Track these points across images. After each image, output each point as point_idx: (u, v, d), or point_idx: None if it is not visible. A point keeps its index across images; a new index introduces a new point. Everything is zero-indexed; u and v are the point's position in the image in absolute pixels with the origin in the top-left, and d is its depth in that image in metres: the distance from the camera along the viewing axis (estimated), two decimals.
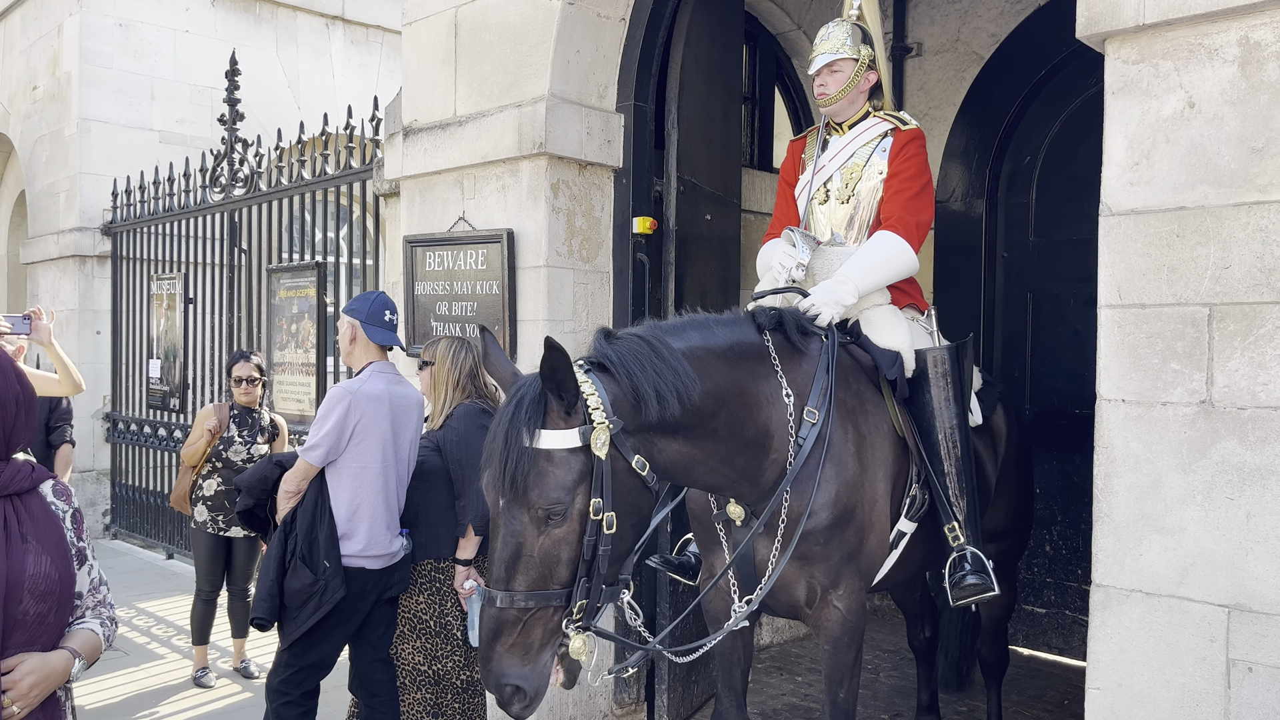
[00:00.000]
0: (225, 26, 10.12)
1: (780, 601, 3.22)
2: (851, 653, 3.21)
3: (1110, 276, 2.69)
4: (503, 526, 2.48)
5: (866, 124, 3.85)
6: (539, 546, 2.47)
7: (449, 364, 4.00)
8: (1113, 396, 2.68)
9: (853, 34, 3.78)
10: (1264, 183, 2.45)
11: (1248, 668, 2.46)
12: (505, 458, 2.44)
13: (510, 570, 2.46)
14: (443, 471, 3.92)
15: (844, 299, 3.46)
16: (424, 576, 3.96)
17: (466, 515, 3.89)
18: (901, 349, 3.49)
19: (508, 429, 2.46)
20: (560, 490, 2.47)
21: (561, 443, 2.49)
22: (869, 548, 3.24)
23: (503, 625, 2.44)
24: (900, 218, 3.66)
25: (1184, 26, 2.56)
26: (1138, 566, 2.63)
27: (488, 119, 4.56)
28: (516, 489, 2.45)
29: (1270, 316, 2.43)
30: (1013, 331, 6.29)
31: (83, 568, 2.44)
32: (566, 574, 2.49)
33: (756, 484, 3.02)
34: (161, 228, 8.47)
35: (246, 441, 5.35)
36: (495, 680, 2.45)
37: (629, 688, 4.71)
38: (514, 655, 2.45)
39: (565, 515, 2.48)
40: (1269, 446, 2.43)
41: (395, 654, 3.94)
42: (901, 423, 3.45)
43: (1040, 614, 6.14)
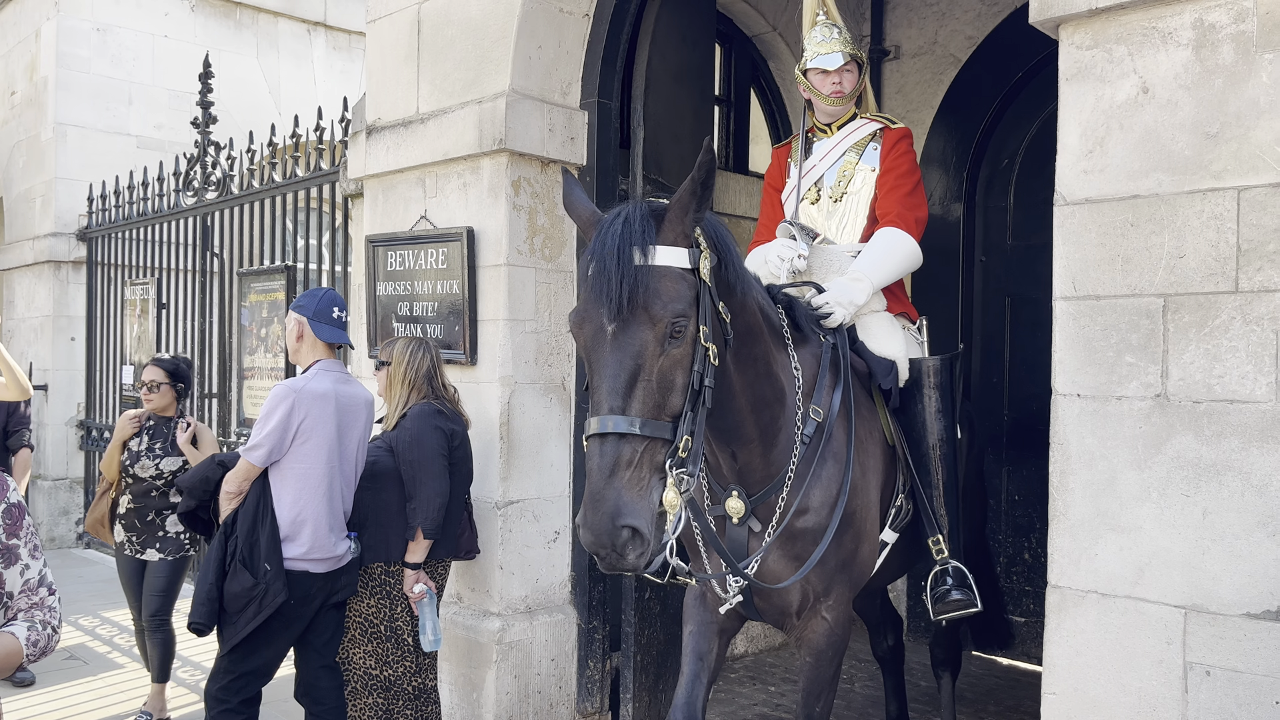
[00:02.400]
0: (205, 32, 10.06)
1: (773, 606, 3.12)
2: (833, 667, 3.14)
3: (1065, 268, 2.62)
4: (615, 350, 2.31)
5: (855, 124, 3.90)
6: (658, 368, 2.34)
7: (405, 364, 3.92)
8: (1068, 391, 2.60)
9: (849, 38, 3.85)
10: (1218, 169, 2.38)
11: (1205, 671, 2.38)
12: (620, 274, 2.31)
13: (628, 395, 2.29)
14: (394, 473, 3.83)
15: (857, 299, 3.45)
16: (374, 580, 3.86)
17: (416, 518, 3.79)
18: (897, 358, 3.46)
19: (619, 245, 2.34)
20: (684, 303, 2.38)
21: (675, 260, 2.40)
22: (862, 556, 3.18)
23: (620, 458, 2.24)
24: (900, 214, 3.68)
25: (1138, 10, 2.49)
26: (1093, 566, 2.54)
27: (449, 116, 4.48)
28: (636, 304, 2.31)
29: (1225, 307, 2.36)
30: (991, 336, 6.22)
31: (13, 567, 2.33)
32: (679, 403, 2.36)
33: (767, 458, 2.92)
34: (136, 232, 8.38)
35: (157, 455, 4.71)
36: (612, 520, 2.20)
37: (592, 696, 4.61)
38: (631, 492, 2.24)
39: (684, 334, 2.37)
40: (1225, 441, 2.35)
41: (345, 659, 3.84)
42: (892, 432, 3.42)
43: (1019, 623, 6.04)
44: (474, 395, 4.44)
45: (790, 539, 2.98)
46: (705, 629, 3.21)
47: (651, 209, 2.46)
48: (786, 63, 6.55)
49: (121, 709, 5.05)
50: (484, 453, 4.39)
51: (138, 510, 4.71)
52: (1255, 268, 2.32)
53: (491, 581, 4.38)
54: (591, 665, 4.61)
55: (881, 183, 3.74)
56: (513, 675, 4.34)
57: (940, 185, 6.32)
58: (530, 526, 4.46)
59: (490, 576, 4.39)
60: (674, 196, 2.49)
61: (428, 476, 3.79)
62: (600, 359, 2.35)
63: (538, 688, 4.45)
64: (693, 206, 2.45)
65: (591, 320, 2.37)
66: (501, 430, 4.35)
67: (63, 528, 9.11)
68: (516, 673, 4.36)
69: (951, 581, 3.34)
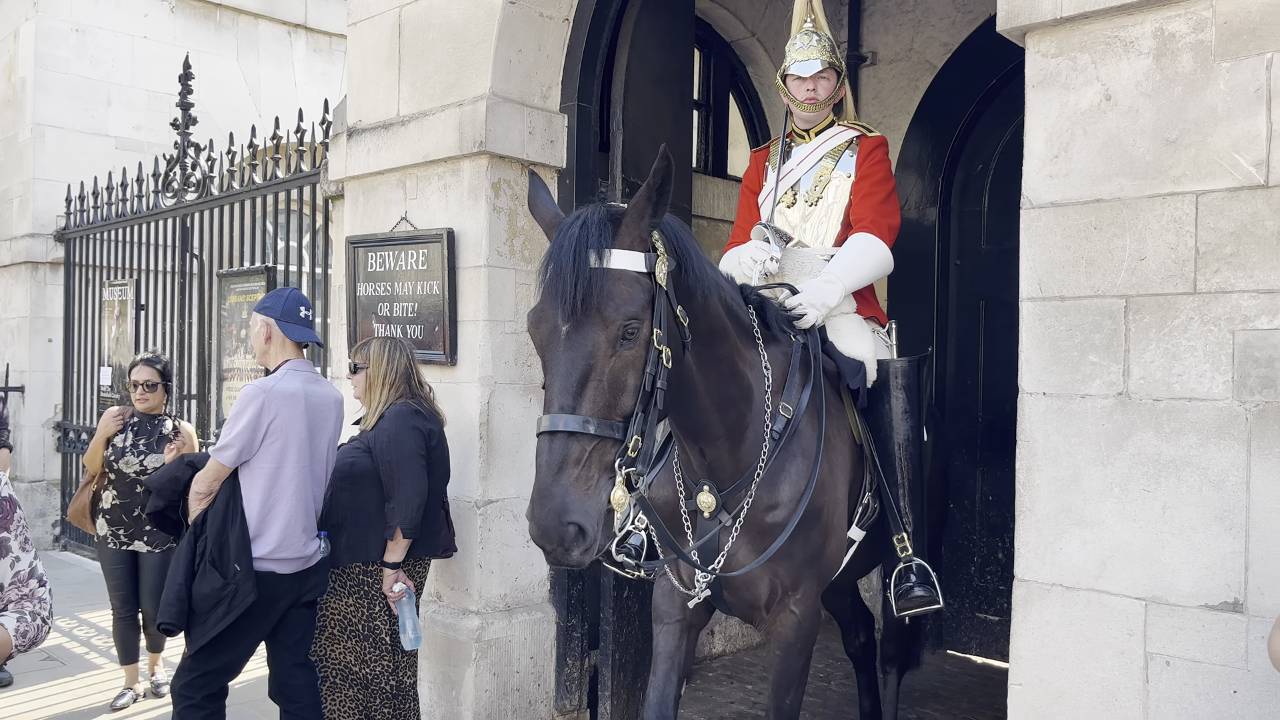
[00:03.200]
0: (184, 33, 10.04)
1: (742, 599, 3.17)
2: (801, 659, 3.19)
3: (1031, 269, 2.69)
4: (568, 350, 2.37)
5: (833, 131, 3.96)
6: (609, 369, 2.38)
7: (384, 364, 3.95)
8: (1034, 390, 2.67)
9: (831, 46, 3.91)
10: (1178, 174, 2.45)
11: (1165, 661, 2.45)
12: (575, 276, 2.36)
13: (578, 394, 2.34)
14: (373, 473, 3.85)
15: (830, 300, 3.51)
16: (352, 580, 3.88)
17: (395, 518, 3.81)
18: (866, 359, 3.52)
19: (575, 248, 2.39)
20: (636, 306, 2.43)
21: (630, 264, 2.45)
22: (829, 551, 3.23)
23: (568, 456, 2.29)
24: (874, 220, 3.75)
25: (1101, 19, 2.56)
26: (1058, 560, 2.61)
27: (430, 118, 4.52)
28: (589, 306, 2.36)
29: (1184, 308, 2.43)
30: (965, 339, 6.30)
31: (3, 559, 2.37)
32: (629, 404, 2.41)
33: (735, 454, 2.97)
34: (114, 234, 8.36)
35: (141, 452, 4.89)
36: (558, 517, 2.25)
37: (571, 694, 4.65)
38: (578, 489, 2.28)
39: (637, 336, 2.42)
40: (1183, 438, 2.42)
41: (324, 654, 3.86)
42: (860, 431, 3.48)
43: (993, 621, 6.13)
44: (454, 395, 4.48)
45: (760, 533, 3.03)
46: (673, 627, 3.28)
47: (610, 213, 2.50)
48: (765, 68, 6.63)
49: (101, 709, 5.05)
50: (463, 452, 4.43)
51: (123, 506, 4.86)
52: (1213, 270, 2.39)
53: (471, 580, 4.42)
54: (570, 663, 4.65)
55: (856, 189, 3.81)
56: (492, 673, 4.38)
57: (916, 190, 6.40)
58: (510, 525, 4.50)
59: (469, 575, 4.42)
60: (631, 201, 2.54)
61: (406, 476, 3.81)
62: (554, 358, 2.40)
63: (517, 685, 4.48)
64: (649, 212, 2.50)
65: (547, 320, 2.43)
66: (481, 430, 4.38)
67: (39, 529, 9.06)
68: (496, 670, 4.39)
69: (915, 579, 3.40)
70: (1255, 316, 2.33)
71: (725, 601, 3.20)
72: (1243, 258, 2.35)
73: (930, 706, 5.32)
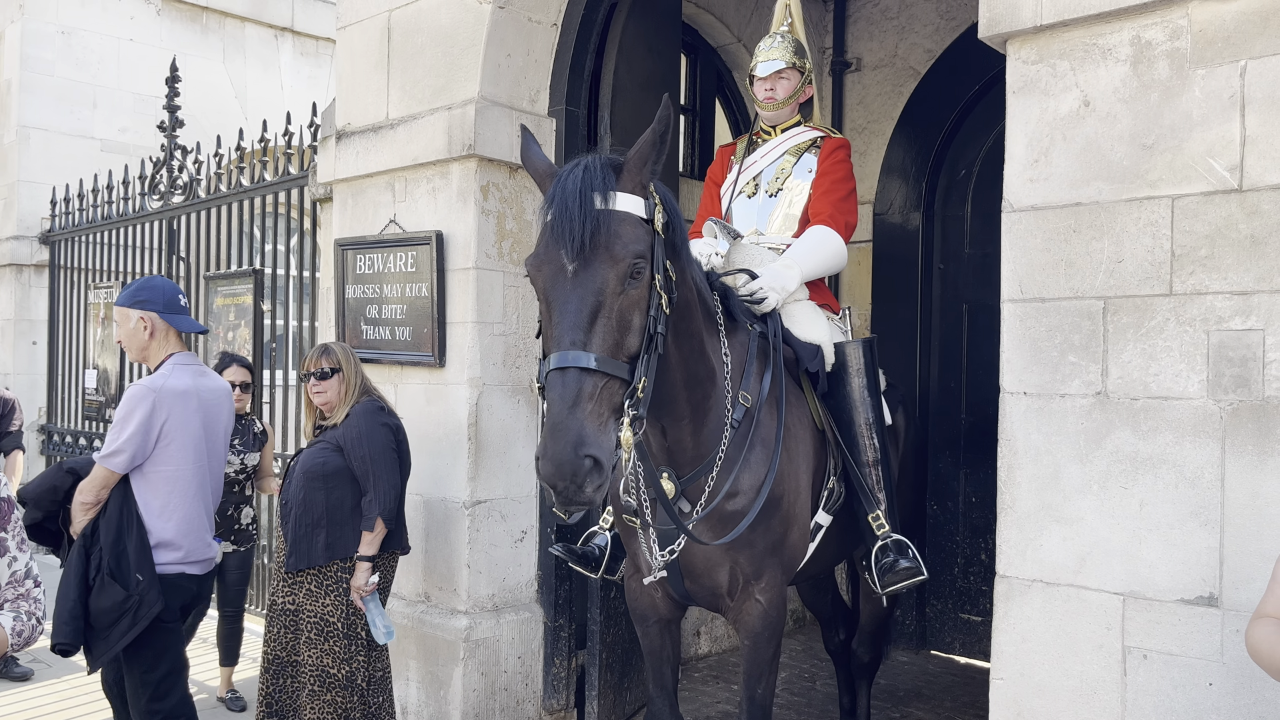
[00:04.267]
0: (171, 36, 10.03)
1: (703, 587, 3.18)
2: (770, 648, 3.21)
3: (1012, 271, 2.74)
4: (577, 288, 2.38)
5: (797, 130, 4.07)
6: (618, 307, 2.40)
7: (354, 365, 3.99)
8: (1015, 389, 2.72)
9: (796, 47, 4.00)
10: (1154, 178, 2.51)
11: (1143, 655, 2.50)
12: (582, 215, 2.38)
13: (589, 331, 2.35)
14: (345, 471, 3.85)
15: (789, 284, 3.55)
16: (330, 579, 3.86)
17: (374, 509, 3.82)
18: (822, 342, 3.56)
19: (580, 189, 2.42)
20: (643, 245, 2.45)
21: (633, 207, 2.48)
22: (792, 540, 3.25)
23: (583, 391, 2.29)
24: (833, 215, 3.82)
25: (1079, 27, 2.62)
26: (1039, 557, 2.66)
27: (419, 121, 4.55)
28: (598, 244, 2.39)
29: (1160, 309, 2.49)
30: (949, 342, 6.36)
31: (1, 559, 2.40)
32: (635, 344, 2.43)
33: (697, 437, 2.98)
34: (100, 236, 8.35)
35: (239, 451, 4.90)
36: (574, 449, 2.23)
37: (558, 693, 4.68)
38: (593, 423, 2.28)
39: (642, 275, 2.45)
40: (1160, 436, 2.48)
41: (301, 660, 3.82)
42: (821, 416, 3.50)
43: (976, 622, 6.19)
44: (442, 396, 4.51)
45: (721, 521, 3.04)
46: (652, 627, 3.34)
47: (610, 160, 2.55)
48: None
49: (85, 709, 5.05)
50: (451, 453, 4.46)
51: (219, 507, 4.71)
52: (1188, 272, 2.45)
53: (459, 580, 4.44)
54: (557, 663, 4.68)
55: (817, 185, 3.89)
56: (480, 673, 4.41)
57: (900, 195, 6.47)
58: (498, 526, 4.53)
59: (457, 575, 4.45)
60: (633, 148, 2.57)
61: (382, 470, 3.83)
62: (561, 297, 2.41)
63: (504, 685, 4.51)
64: (651, 158, 2.54)
65: (551, 261, 2.44)
66: (470, 431, 4.41)
67: None
68: (483, 670, 4.42)
69: (894, 553, 3.41)
70: (1229, 317, 2.39)
71: (686, 590, 3.20)
72: (1217, 260, 2.41)
73: (914, 706, 5.37)
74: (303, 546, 3.81)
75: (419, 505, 4.59)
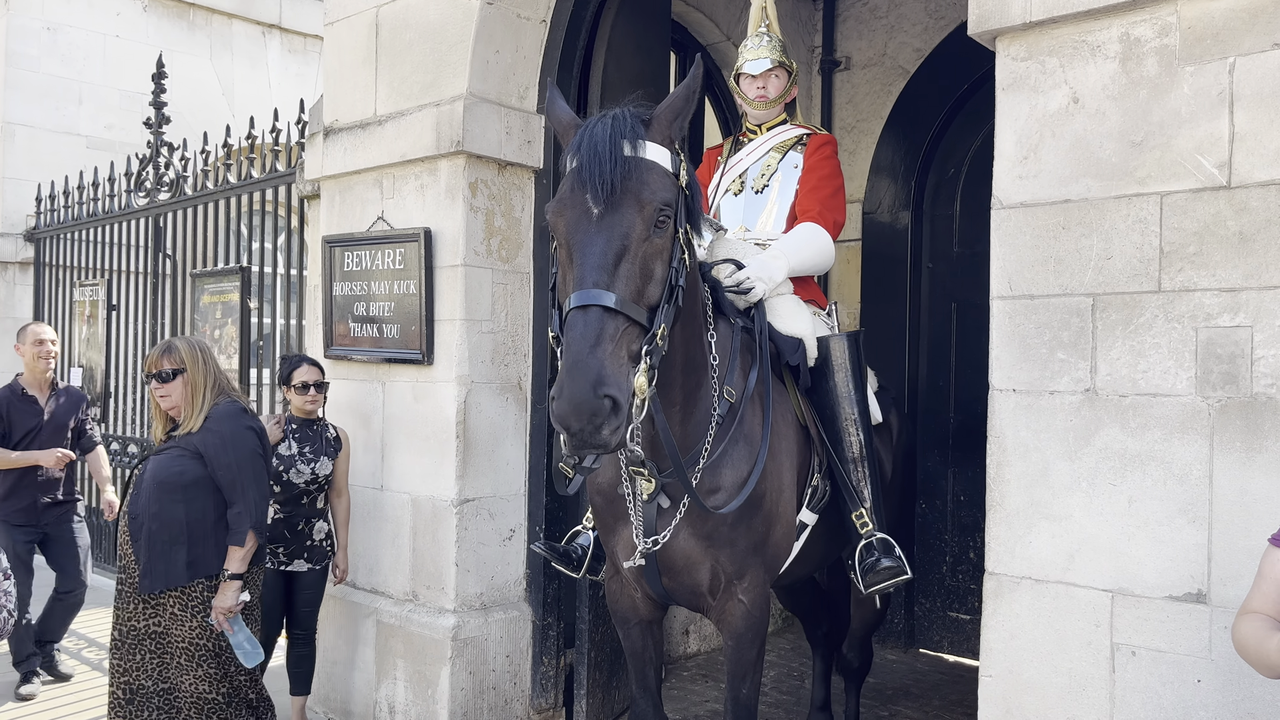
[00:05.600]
0: (157, 32, 9.98)
1: (682, 585, 3.13)
2: (754, 649, 3.18)
3: (1001, 268, 2.74)
4: (603, 230, 2.36)
5: (783, 128, 4.09)
6: (642, 253, 2.38)
7: (202, 364, 3.67)
8: (1004, 386, 2.72)
9: (782, 46, 4.01)
10: (1143, 175, 2.51)
11: (1131, 651, 2.50)
12: (612, 159, 2.37)
13: (613, 273, 2.32)
14: (206, 481, 3.56)
15: (776, 275, 3.54)
16: (196, 599, 3.54)
17: (245, 521, 3.55)
18: (804, 335, 3.52)
19: (610, 135, 2.41)
20: (669, 194, 2.44)
21: (661, 158, 2.47)
22: (775, 538, 3.21)
23: (604, 331, 2.25)
24: (821, 213, 3.81)
25: (1069, 24, 2.62)
26: (1028, 554, 2.66)
27: (407, 118, 4.53)
28: (627, 189, 2.37)
29: (1149, 306, 2.49)
30: (937, 341, 6.37)
31: None
32: (656, 295, 2.40)
33: (685, 427, 2.94)
34: (85, 233, 8.29)
35: (310, 459, 4.44)
36: (593, 388, 2.17)
37: (546, 692, 4.66)
38: (613, 364, 2.23)
39: (668, 225, 2.43)
40: (1148, 433, 2.48)
41: (174, 687, 3.55)
42: (804, 411, 3.47)
43: (964, 620, 6.19)
44: (430, 394, 4.49)
45: (701, 517, 3.00)
46: (634, 628, 3.32)
47: (637, 112, 2.54)
48: None
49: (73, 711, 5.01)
50: (439, 451, 4.44)
51: (287, 519, 4.41)
52: (1176, 269, 2.45)
53: (446, 579, 4.42)
54: (546, 662, 4.66)
55: (804, 181, 3.89)
56: (468, 672, 4.39)
57: (889, 193, 6.48)
58: (486, 524, 4.51)
59: (445, 574, 4.43)
60: (664, 102, 2.56)
61: (250, 478, 3.59)
62: (585, 239, 2.38)
63: (493, 684, 4.49)
64: (684, 112, 2.54)
65: (576, 206, 2.42)
66: (458, 429, 4.39)
67: None
68: (471, 669, 4.40)
69: (879, 551, 3.37)
70: (1218, 314, 2.40)
71: (664, 588, 3.15)
72: (1205, 257, 2.41)
73: (902, 704, 5.38)
74: (160, 566, 3.51)
75: (406, 504, 4.57)
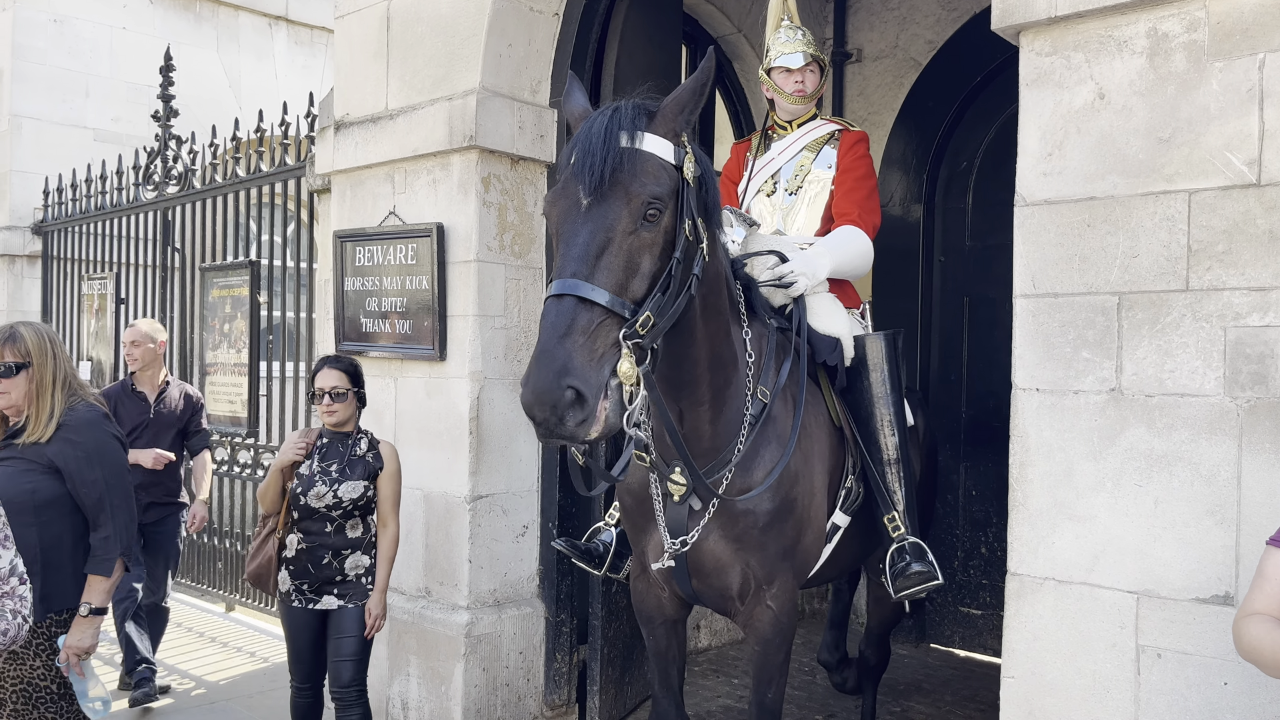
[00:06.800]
0: (164, 24, 9.94)
1: (712, 588, 3.10)
2: (781, 654, 3.16)
3: (1025, 266, 2.71)
4: (588, 221, 2.33)
5: (814, 124, 3.99)
6: (627, 245, 2.35)
7: (51, 358, 3.07)
8: (1027, 385, 2.69)
9: (814, 41, 3.94)
10: (1170, 172, 2.48)
11: (1157, 654, 2.48)
12: (604, 151, 2.34)
13: (594, 264, 2.29)
14: (65, 499, 3.04)
15: (820, 272, 3.49)
16: (41, 637, 2.99)
17: (114, 547, 3.07)
18: (842, 335, 3.49)
19: (607, 127, 2.38)
20: (662, 189, 2.40)
21: (660, 150, 2.43)
22: (805, 543, 3.18)
23: (576, 322, 2.21)
24: (861, 216, 3.76)
25: (1095, 18, 2.59)
26: (1051, 554, 2.64)
27: (419, 112, 4.50)
28: (616, 180, 2.34)
29: (1176, 305, 2.46)
30: (949, 335, 6.34)
31: None
32: (641, 289, 2.36)
33: (715, 426, 2.91)
34: (93, 227, 8.28)
35: (334, 480, 3.73)
36: (556, 378, 2.13)
37: (560, 689, 4.66)
38: (582, 356, 2.19)
39: (659, 220, 2.40)
40: (1175, 433, 2.45)
41: None
42: (839, 412, 3.43)
43: (976, 615, 6.18)
44: (443, 390, 4.47)
45: (732, 519, 2.98)
46: (658, 629, 3.28)
47: (642, 105, 2.50)
48: (750, 64, 6.63)
49: None
50: (452, 447, 4.42)
51: (310, 551, 3.75)
52: (1205, 267, 2.42)
53: (460, 575, 4.41)
54: (559, 658, 4.65)
55: (839, 182, 3.82)
56: (481, 668, 4.38)
57: (900, 187, 6.44)
58: (499, 520, 4.50)
59: (459, 570, 4.42)
60: (671, 94, 2.52)
61: (120, 498, 3.11)
62: (571, 229, 2.36)
63: (506, 680, 4.48)
64: (690, 105, 2.50)
65: (567, 196, 2.40)
66: (471, 425, 4.38)
67: None
68: (485, 666, 4.39)
69: (910, 556, 3.33)
70: (1247, 313, 2.37)
71: (694, 589, 3.12)
72: (1234, 255, 2.38)
73: (914, 700, 5.36)
74: None
75: (419, 500, 4.56)
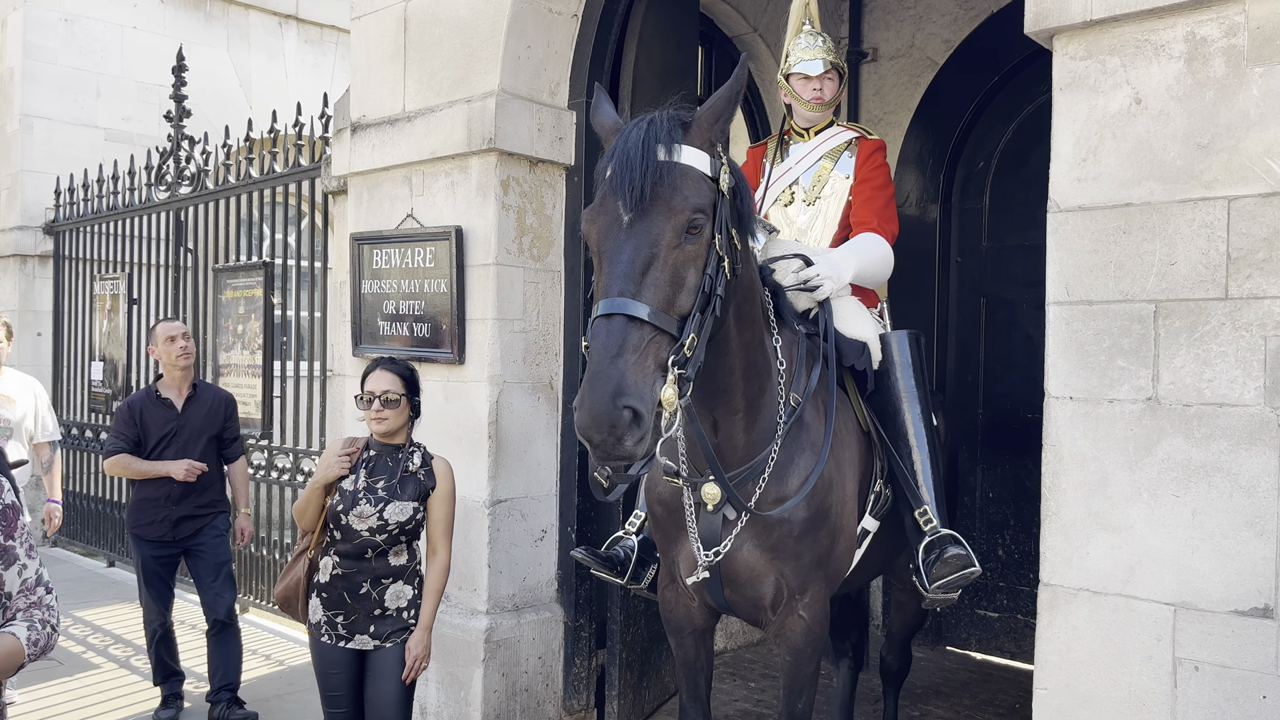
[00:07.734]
0: (174, 23, 9.94)
1: (745, 598, 3.08)
2: (813, 664, 3.14)
3: (1058, 273, 2.68)
4: (632, 238, 2.33)
5: (832, 131, 3.97)
6: (672, 260, 2.34)
7: None
8: (1060, 394, 2.66)
9: (834, 47, 3.92)
10: (1209, 179, 2.44)
11: (1194, 666, 2.45)
12: (644, 165, 2.33)
13: (640, 281, 2.28)
14: None
15: (845, 275, 3.48)
16: None
17: None
18: (869, 339, 3.47)
19: (644, 140, 2.37)
20: (704, 200, 2.40)
21: (698, 163, 2.42)
22: (838, 551, 3.16)
23: (627, 341, 2.20)
24: (880, 224, 3.75)
25: (1131, 22, 2.55)
26: (1085, 565, 2.61)
27: (437, 114, 4.48)
28: (657, 195, 2.34)
29: (1215, 313, 2.43)
30: (966, 336, 6.31)
31: (11, 567, 2.34)
32: (687, 304, 2.35)
33: (749, 434, 2.90)
34: (105, 227, 8.27)
35: (381, 499, 3.31)
36: (612, 399, 2.13)
37: (579, 693, 4.64)
38: (635, 374, 2.18)
39: (701, 232, 2.39)
40: (1214, 443, 2.42)
41: None
42: (866, 416, 3.42)
43: (993, 618, 6.15)
44: (461, 394, 4.45)
45: (766, 529, 2.96)
46: (687, 639, 3.26)
47: (676, 116, 2.48)
48: (766, 63, 6.60)
49: (100, 709, 5.00)
50: (471, 451, 4.40)
51: (347, 578, 3.33)
52: (1245, 275, 2.39)
53: (479, 580, 4.39)
54: (578, 663, 4.63)
55: (858, 192, 3.81)
56: (500, 673, 4.36)
57: (917, 187, 6.40)
58: (518, 525, 4.48)
59: (477, 575, 4.40)
60: (705, 104, 2.51)
61: None
62: (614, 247, 2.35)
63: (525, 685, 4.46)
64: (725, 114, 2.49)
65: (607, 213, 2.39)
66: (490, 429, 4.35)
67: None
68: (504, 671, 4.37)
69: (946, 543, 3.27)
70: None
71: (726, 600, 3.11)
72: (1275, 264, 2.35)
73: (932, 703, 5.34)
74: None
75: None
